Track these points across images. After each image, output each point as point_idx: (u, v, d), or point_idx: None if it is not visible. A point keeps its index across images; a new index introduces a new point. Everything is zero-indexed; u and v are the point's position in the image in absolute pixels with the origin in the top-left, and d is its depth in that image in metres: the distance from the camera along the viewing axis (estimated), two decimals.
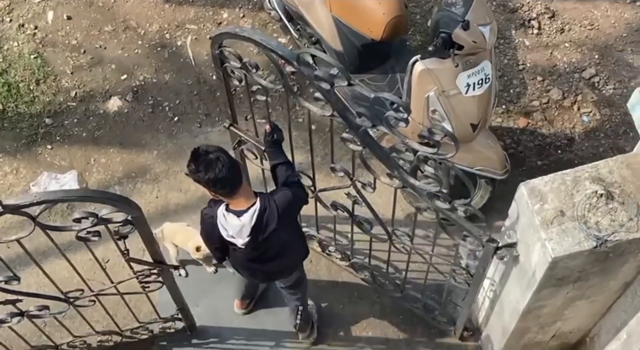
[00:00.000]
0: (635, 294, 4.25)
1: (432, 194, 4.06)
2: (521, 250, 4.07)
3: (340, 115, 3.95)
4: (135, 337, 5.30)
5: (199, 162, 3.95)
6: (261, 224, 4.14)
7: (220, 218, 4.17)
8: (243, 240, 4.18)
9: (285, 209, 4.22)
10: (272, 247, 4.37)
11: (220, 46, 4.11)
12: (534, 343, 4.97)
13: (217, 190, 4.04)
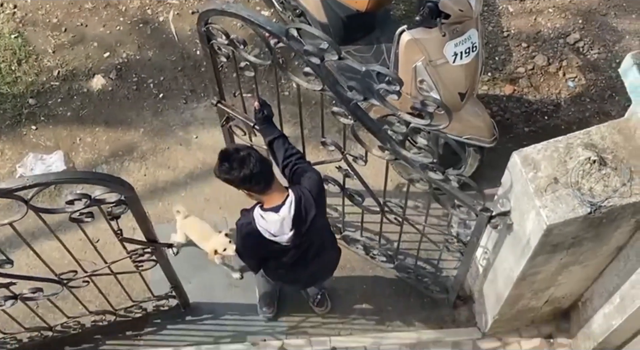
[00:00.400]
0: (628, 258, 4.28)
1: (425, 166, 4.06)
2: (515, 218, 4.09)
3: (330, 89, 3.93)
4: (129, 316, 5.29)
5: (231, 161, 3.90)
6: (301, 213, 4.08)
7: (258, 220, 4.09)
8: (287, 235, 4.11)
9: (318, 192, 4.17)
10: (315, 241, 4.34)
11: (206, 23, 4.06)
12: (527, 309, 5.00)
13: (252, 187, 3.98)
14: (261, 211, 4.08)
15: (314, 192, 4.13)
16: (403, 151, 4.08)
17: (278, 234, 4.10)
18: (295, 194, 4.06)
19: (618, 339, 4.85)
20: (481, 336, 5.37)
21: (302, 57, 3.82)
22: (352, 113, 4.01)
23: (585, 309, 5.00)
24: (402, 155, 4.10)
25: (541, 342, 5.37)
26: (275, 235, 4.11)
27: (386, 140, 4.08)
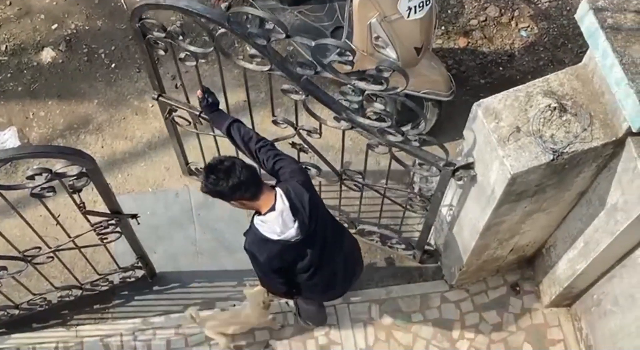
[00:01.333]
0: (590, 202, 4.34)
1: (383, 130, 4.05)
2: (479, 169, 4.11)
3: (279, 68, 3.86)
4: (95, 290, 5.25)
5: (217, 172, 3.79)
6: (295, 203, 3.93)
7: (260, 227, 3.94)
8: (293, 228, 3.93)
9: (300, 174, 4.08)
10: (324, 230, 4.16)
11: (140, 19, 3.92)
12: (492, 259, 5.06)
13: (244, 194, 3.85)
14: (260, 217, 3.93)
15: (298, 177, 4.02)
16: (359, 118, 4.04)
17: (284, 230, 3.92)
18: (282, 188, 3.94)
19: (583, 282, 4.93)
20: (448, 288, 5.43)
21: (248, 40, 3.73)
22: (303, 89, 3.95)
23: (550, 255, 5.08)
24: (358, 123, 4.06)
25: (507, 290, 5.45)
26: (282, 232, 3.92)
27: (341, 111, 4.04)
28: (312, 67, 3.77)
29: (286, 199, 3.90)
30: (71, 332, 5.27)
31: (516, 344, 5.30)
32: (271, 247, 3.97)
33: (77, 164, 3.72)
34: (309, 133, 4.38)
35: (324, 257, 4.20)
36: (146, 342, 5.25)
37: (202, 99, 4.21)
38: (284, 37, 3.62)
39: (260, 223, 3.93)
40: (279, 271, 4.16)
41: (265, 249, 3.99)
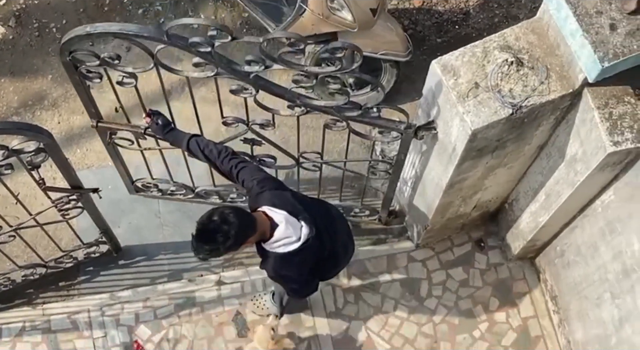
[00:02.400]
0: (550, 155, 4.38)
1: (340, 108, 4.01)
2: (440, 127, 4.12)
3: (226, 70, 3.78)
4: (60, 267, 5.20)
5: (209, 239, 3.65)
6: (287, 207, 3.88)
7: (277, 249, 3.86)
8: (305, 227, 3.86)
9: (267, 181, 4.02)
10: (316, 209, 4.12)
11: (71, 52, 3.77)
12: (456, 216, 5.10)
13: (247, 240, 3.76)
14: (269, 242, 3.85)
15: (268, 186, 3.97)
16: (314, 102, 4.00)
17: (299, 233, 3.86)
18: (267, 205, 3.87)
19: (546, 235, 5.00)
20: (414, 248, 5.47)
21: (191, 50, 3.63)
22: (253, 85, 3.88)
23: (512, 209, 5.13)
24: (313, 106, 4.01)
25: (472, 246, 5.51)
26: (299, 236, 3.85)
27: (295, 98, 3.98)
28: (261, 62, 3.69)
29: (278, 210, 3.85)
30: (37, 310, 5.23)
31: (483, 299, 5.37)
32: (298, 257, 3.90)
33: (34, 140, 3.66)
34: (262, 126, 4.31)
35: (332, 236, 4.17)
36: (114, 317, 5.23)
37: (151, 122, 4.11)
38: (230, 39, 3.52)
39: (274, 246, 3.86)
40: (312, 273, 4.16)
41: (295, 263, 3.94)
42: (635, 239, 4.08)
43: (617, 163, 3.97)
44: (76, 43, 3.68)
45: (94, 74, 3.91)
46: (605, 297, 4.49)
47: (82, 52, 3.78)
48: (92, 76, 3.93)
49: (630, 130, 3.79)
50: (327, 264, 4.26)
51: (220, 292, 5.33)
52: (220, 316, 5.28)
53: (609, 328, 4.51)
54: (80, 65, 3.85)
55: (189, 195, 5.29)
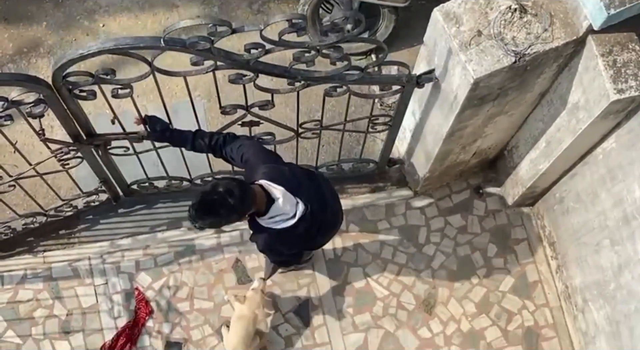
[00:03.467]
0: (552, 103, 4.36)
1: (342, 75, 3.97)
2: (441, 76, 4.09)
3: (225, 63, 3.72)
4: (60, 215, 5.21)
5: (211, 211, 3.61)
6: (285, 182, 3.83)
7: (273, 224, 3.83)
8: (301, 203, 3.83)
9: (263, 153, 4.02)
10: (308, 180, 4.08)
11: (65, 76, 3.67)
12: (455, 164, 5.10)
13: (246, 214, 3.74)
14: (265, 216, 3.80)
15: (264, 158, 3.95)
16: (316, 73, 3.95)
17: (295, 209, 3.83)
18: (264, 178, 3.83)
19: (545, 182, 5.01)
20: (413, 195, 5.48)
21: (189, 51, 3.55)
22: (253, 70, 3.81)
23: (512, 157, 5.13)
24: (315, 78, 3.97)
25: (471, 193, 5.52)
26: (296, 212, 3.83)
27: (296, 75, 3.93)
28: (261, 46, 3.61)
29: (277, 185, 3.80)
30: (38, 258, 5.26)
31: (481, 245, 5.41)
32: (292, 233, 3.87)
33: (33, 91, 3.62)
34: (261, 108, 4.24)
35: (323, 209, 4.10)
36: (115, 264, 5.26)
37: (151, 129, 4.06)
38: (230, 33, 3.43)
39: (270, 221, 3.82)
40: (302, 247, 4.19)
41: (288, 239, 3.93)
42: (636, 186, 4.09)
43: (620, 111, 3.96)
44: (69, 67, 3.60)
45: (88, 92, 3.86)
46: (605, 244, 4.52)
47: (76, 75, 3.71)
48: (86, 95, 3.87)
49: (634, 77, 3.78)
50: (317, 236, 4.23)
51: (220, 240, 5.35)
52: (220, 263, 5.31)
53: (608, 274, 4.55)
54: (74, 87, 3.79)
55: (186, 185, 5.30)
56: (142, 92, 5.39)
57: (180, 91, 5.40)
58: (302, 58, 3.68)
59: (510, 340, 5.22)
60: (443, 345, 5.20)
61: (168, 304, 5.20)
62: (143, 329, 5.15)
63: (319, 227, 4.08)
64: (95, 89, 3.84)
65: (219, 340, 5.14)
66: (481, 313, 5.28)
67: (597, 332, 4.82)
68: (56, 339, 5.11)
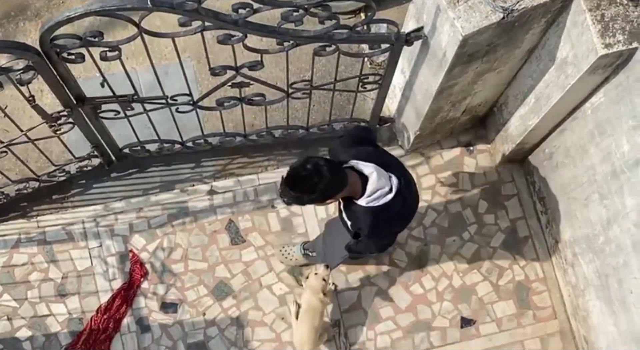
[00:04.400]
0: (540, 58, 4.37)
1: (330, 36, 3.96)
2: (429, 34, 4.09)
3: (213, 23, 3.69)
4: (53, 181, 5.23)
5: (297, 186, 3.58)
6: (374, 160, 3.81)
7: (373, 202, 3.75)
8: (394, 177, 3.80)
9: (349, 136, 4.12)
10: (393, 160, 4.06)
11: (52, 40, 3.64)
12: (446, 121, 5.12)
13: (334, 196, 3.69)
14: (365, 197, 3.74)
15: (350, 141, 3.99)
16: (304, 32, 3.94)
17: (390, 183, 3.78)
18: (355, 159, 3.81)
19: (535, 138, 5.04)
20: (404, 153, 5.50)
21: (177, 12, 3.52)
22: (242, 29, 3.79)
23: (501, 113, 5.15)
24: (304, 37, 3.96)
25: (461, 150, 5.55)
26: (392, 185, 3.78)
27: (285, 35, 3.92)
28: (249, 6, 3.60)
29: (368, 163, 3.77)
30: (32, 223, 5.28)
31: (472, 202, 5.45)
32: (393, 208, 3.81)
33: (22, 58, 3.61)
34: (251, 68, 4.22)
35: (409, 186, 4.04)
36: (109, 227, 5.29)
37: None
38: None
39: (370, 199, 3.75)
40: (401, 223, 4.14)
41: (391, 215, 3.85)
42: (624, 140, 4.13)
43: (608, 65, 3.98)
44: (56, 29, 3.58)
45: (76, 55, 3.83)
46: (594, 198, 4.57)
47: (64, 38, 3.68)
48: (74, 58, 3.84)
49: (622, 32, 3.79)
50: (409, 213, 4.14)
51: (213, 202, 5.38)
52: (213, 225, 5.35)
53: (597, 228, 4.60)
54: (62, 50, 3.76)
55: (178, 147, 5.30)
56: (131, 55, 5.38)
57: (170, 53, 5.39)
58: (290, 17, 3.67)
59: (502, 295, 5.30)
60: (435, 301, 5.27)
61: (162, 265, 5.25)
62: (138, 291, 5.20)
63: (410, 205, 4.07)
64: (83, 52, 3.82)
65: (213, 301, 5.20)
66: (472, 269, 5.34)
67: (586, 285, 4.89)
68: (52, 302, 5.17)
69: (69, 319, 5.14)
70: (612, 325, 4.64)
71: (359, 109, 5.44)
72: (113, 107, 4.56)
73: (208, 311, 5.19)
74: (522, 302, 5.29)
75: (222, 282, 5.24)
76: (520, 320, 5.26)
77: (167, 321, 5.17)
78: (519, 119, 4.92)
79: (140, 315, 5.17)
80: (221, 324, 5.18)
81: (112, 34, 5.28)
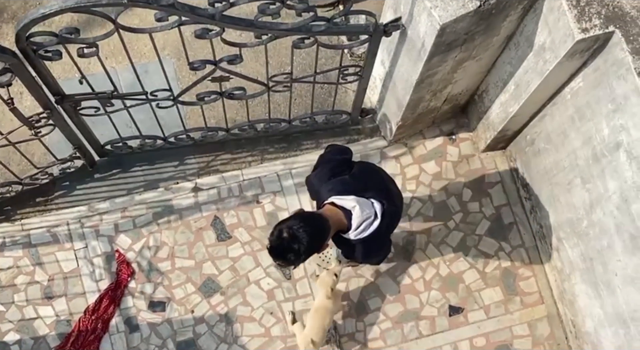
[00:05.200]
0: (519, 45, 4.39)
1: (308, 27, 3.96)
2: (407, 24, 4.10)
3: (190, 17, 3.68)
4: (36, 183, 5.21)
5: (282, 256, 3.59)
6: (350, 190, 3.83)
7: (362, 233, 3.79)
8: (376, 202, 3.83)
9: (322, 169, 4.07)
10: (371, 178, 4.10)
11: (28, 38, 3.62)
12: (427, 111, 5.14)
13: (324, 244, 3.70)
14: (352, 231, 3.78)
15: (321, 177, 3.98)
16: (282, 25, 3.94)
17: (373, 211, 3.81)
18: (331, 194, 3.83)
19: (516, 124, 5.06)
20: (387, 144, 5.51)
21: (153, 7, 3.51)
22: (219, 23, 3.79)
23: (482, 101, 5.17)
24: (282, 30, 3.96)
25: (444, 139, 5.56)
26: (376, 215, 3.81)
27: (262, 28, 3.92)
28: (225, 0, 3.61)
29: (346, 196, 3.78)
30: (16, 226, 5.26)
31: (456, 191, 5.47)
32: (381, 233, 3.86)
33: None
34: (230, 62, 4.21)
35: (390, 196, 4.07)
36: (94, 228, 5.28)
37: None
38: None
39: (357, 232, 3.79)
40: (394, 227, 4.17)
41: (381, 240, 3.95)
42: (604, 124, 4.15)
43: (585, 50, 4.00)
44: (32, 27, 3.57)
45: (53, 52, 3.81)
46: (576, 183, 4.59)
47: (40, 35, 3.67)
48: (51, 56, 3.82)
49: (597, 16, 3.81)
50: (396, 222, 4.18)
51: (197, 199, 5.37)
52: (199, 222, 5.34)
53: (580, 212, 4.63)
54: (38, 48, 3.75)
55: (160, 143, 5.29)
56: (110, 54, 5.37)
57: (149, 51, 5.37)
58: (267, 10, 3.67)
59: (489, 282, 5.32)
60: (423, 290, 5.29)
61: (149, 264, 5.24)
62: (126, 290, 5.19)
63: (397, 216, 4.12)
64: (60, 49, 3.81)
65: (202, 298, 5.20)
66: (459, 257, 5.37)
67: (572, 269, 4.92)
68: (39, 305, 5.15)
69: (57, 321, 5.13)
70: (599, 307, 4.68)
71: (340, 101, 5.45)
72: (93, 104, 4.53)
73: (196, 308, 5.19)
74: (509, 288, 5.32)
75: (209, 279, 5.24)
76: (507, 307, 5.29)
77: (156, 320, 5.16)
78: (499, 106, 4.93)
79: (129, 315, 5.16)
80: (210, 320, 5.18)
81: (91, 33, 5.26)
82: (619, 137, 4.04)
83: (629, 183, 4.05)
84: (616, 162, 4.12)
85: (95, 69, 4.88)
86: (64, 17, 5.25)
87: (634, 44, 3.81)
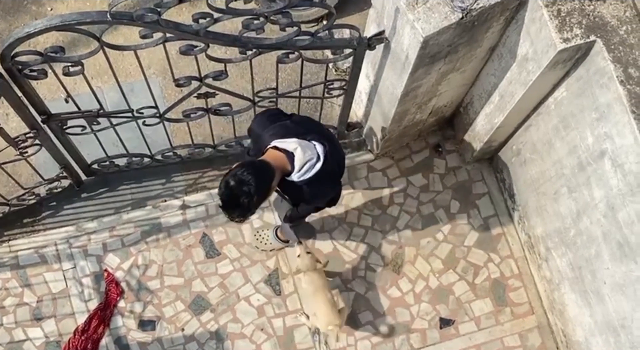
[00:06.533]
0: (502, 56, 4.42)
1: (292, 42, 3.99)
2: (391, 37, 4.12)
3: (175, 34, 3.70)
4: (23, 204, 5.19)
5: (235, 205, 3.61)
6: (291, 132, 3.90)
7: (305, 175, 3.82)
8: (317, 143, 3.89)
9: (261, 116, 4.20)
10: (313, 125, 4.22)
11: (13, 57, 3.64)
12: (413, 123, 5.15)
13: (272, 186, 3.73)
14: (295, 173, 3.82)
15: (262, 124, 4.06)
16: (266, 41, 3.96)
17: (316, 153, 3.86)
18: (272, 138, 3.88)
19: (502, 135, 5.08)
20: (374, 158, 5.53)
21: (137, 24, 3.53)
22: (204, 39, 3.81)
23: (468, 113, 5.19)
24: (266, 45, 3.99)
25: (431, 152, 5.58)
26: (319, 156, 3.85)
27: (247, 43, 3.94)
28: (209, 16, 3.61)
29: (287, 139, 3.83)
30: (4, 248, 5.23)
31: (444, 203, 5.49)
32: (325, 173, 3.89)
33: None
34: (215, 78, 4.24)
35: (334, 143, 4.21)
36: (82, 248, 5.26)
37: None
38: (177, 2, 3.40)
39: (301, 174, 3.83)
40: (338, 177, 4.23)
41: (326, 179, 3.95)
42: (588, 133, 4.18)
43: (567, 60, 4.03)
44: (17, 46, 3.57)
45: (38, 71, 3.82)
46: (563, 192, 4.61)
47: (25, 54, 3.68)
48: (37, 75, 3.83)
49: (579, 26, 3.84)
50: (341, 169, 4.27)
51: (185, 216, 5.37)
52: (187, 239, 5.33)
53: (567, 221, 4.65)
54: (23, 67, 3.76)
55: (147, 161, 5.30)
56: (96, 74, 5.38)
57: (135, 70, 5.38)
58: (251, 25, 3.68)
59: (479, 293, 5.33)
60: (413, 303, 5.30)
61: (138, 283, 5.22)
62: (115, 310, 5.17)
63: (340, 162, 4.21)
64: (46, 68, 3.81)
65: (191, 316, 5.18)
66: (448, 269, 5.37)
67: (561, 278, 4.93)
68: (28, 326, 5.12)
69: (46, 343, 5.09)
70: (588, 316, 4.69)
71: (326, 115, 5.47)
72: (80, 123, 4.53)
73: (186, 326, 5.18)
74: (499, 299, 5.32)
75: (199, 297, 5.22)
76: (498, 318, 5.29)
77: (146, 339, 5.14)
78: (485, 118, 4.96)
79: (119, 335, 5.14)
80: (200, 338, 5.16)
81: (76, 52, 5.26)
82: (604, 145, 4.07)
83: (614, 191, 4.07)
84: (601, 170, 4.15)
85: (82, 89, 4.88)
86: (49, 37, 5.24)
87: (615, 52, 3.85)
